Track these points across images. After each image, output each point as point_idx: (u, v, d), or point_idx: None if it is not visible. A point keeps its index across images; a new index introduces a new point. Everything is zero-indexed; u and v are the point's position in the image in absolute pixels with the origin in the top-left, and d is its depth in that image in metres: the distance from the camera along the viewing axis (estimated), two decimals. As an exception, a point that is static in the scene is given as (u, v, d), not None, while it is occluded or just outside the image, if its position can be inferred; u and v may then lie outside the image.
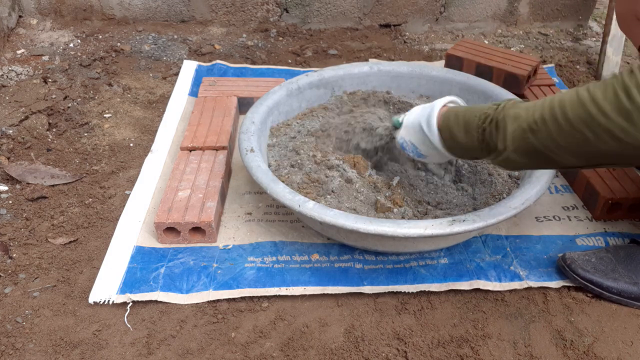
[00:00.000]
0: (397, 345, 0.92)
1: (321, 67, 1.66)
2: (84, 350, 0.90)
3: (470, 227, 0.92)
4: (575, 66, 1.83)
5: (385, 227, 0.91)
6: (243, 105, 1.46)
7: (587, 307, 0.99)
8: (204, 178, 1.16)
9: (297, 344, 0.91)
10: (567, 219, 1.17)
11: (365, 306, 0.98)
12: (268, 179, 1.01)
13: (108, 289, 0.99)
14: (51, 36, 1.88)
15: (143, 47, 1.85)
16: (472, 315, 0.97)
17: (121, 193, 1.24)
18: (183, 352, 0.90)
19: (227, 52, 1.85)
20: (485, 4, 2.01)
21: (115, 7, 1.96)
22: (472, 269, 1.04)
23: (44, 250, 1.09)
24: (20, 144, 1.37)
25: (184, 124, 1.45)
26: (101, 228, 1.14)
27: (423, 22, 2.04)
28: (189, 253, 1.07)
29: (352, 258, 1.06)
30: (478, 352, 0.91)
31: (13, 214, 1.17)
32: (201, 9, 1.98)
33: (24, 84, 1.60)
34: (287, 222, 1.14)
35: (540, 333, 0.94)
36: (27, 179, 1.25)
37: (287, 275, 1.02)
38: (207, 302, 0.98)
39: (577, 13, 2.07)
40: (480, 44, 1.65)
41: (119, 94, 1.60)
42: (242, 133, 1.14)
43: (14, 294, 1.00)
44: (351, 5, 1.98)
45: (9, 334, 0.92)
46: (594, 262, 1.00)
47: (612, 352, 0.91)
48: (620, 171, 1.19)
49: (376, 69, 1.40)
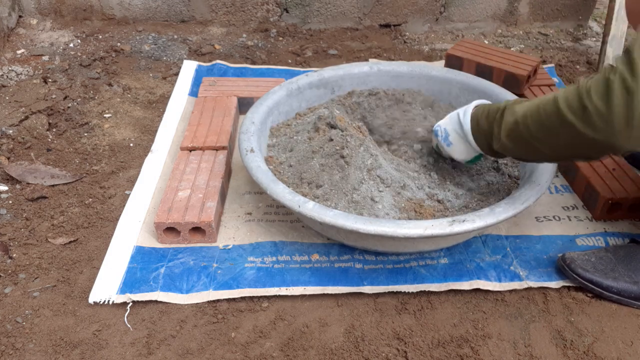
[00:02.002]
0: (397, 345, 0.92)
1: (321, 67, 1.66)
2: (84, 350, 0.90)
3: (470, 227, 0.92)
4: (575, 66, 1.83)
5: (385, 228, 0.91)
6: (243, 105, 1.46)
7: (587, 307, 0.99)
8: (204, 178, 1.16)
9: (297, 344, 0.92)
10: (567, 219, 1.17)
11: (365, 306, 0.98)
12: (268, 179, 1.01)
13: (108, 289, 0.99)
14: (51, 36, 1.88)
15: (143, 47, 1.85)
16: (472, 315, 0.97)
17: (121, 193, 1.24)
18: (183, 352, 0.90)
19: (227, 52, 1.85)
20: (485, 4, 2.01)
21: (115, 7, 1.96)
22: (472, 269, 1.04)
23: (44, 250, 1.09)
24: (20, 144, 1.37)
25: (184, 124, 1.45)
26: (101, 228, 1.14)
27: (423, 22, 2.04)
28: (189, 253, 1.07)
29: (352, 258, 1.06)
30: (478, 352, 0.91)
31: (13, 214, 1.17)
32: (201, 9, 1.98)
33: (24, 84, 1.60)
34: (287, 222, 1.14)
35: (540, 333, 0.94)
36: (27, 179, 1.26)
37: (287, 275, 1.02)
38: (207, 302, 0.98)
39: (577, 13, 2.07)
40: (480, 44, 1.65)
41: (119, 94, 1.60)
42: (242, 133, 1.14)
43: (14, 294, 1.00)
44: (351, 5, 1.98)
45: (9, 334, 0.92)
46: (594, 262, 1.00)
47: (612, 352, 0.91)
48: (620, 171, 1.19)
49: (376, 68, 1.40)
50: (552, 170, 1.05)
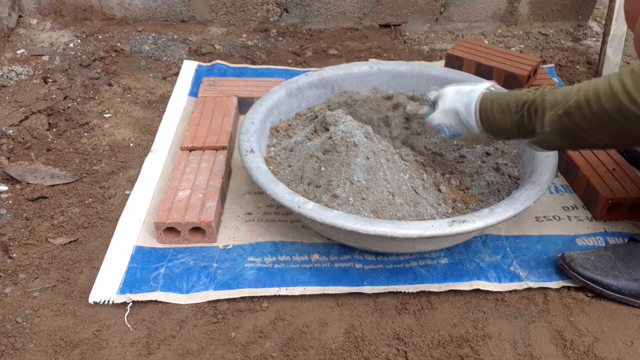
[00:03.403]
0: (397, 345, 0.92)
1: (321, 67, 1.66)
2: (84, 350, 0.90)
3: (470, 228, 0.92)
4: (575, 66, 1.83)
5: (385, 228, 0.91)
6: (243, 105, 1.46)
7: (587, 307, 0.99)
8: (204, 178, 1.16)
9: (297, 344, 0.92)
10: (567, 219, 1.17)
11: (365, 306, 0.98)
12: (268, 180, 1.01)
13: (108, 289, 0.99)
14: (51, 36, 1.88)
15: (143, 47, 1.85)
16: (472, 315, 0.97)
17: (121, 193, 1.24)
18: (183, 352, 0.90)
19: (227, 52, 1.85)
20: (485, 4, 2.01)
21: (115, 7, 1.96)
22: (472, 269, 1.04)
23: (44, 250, 1.09)
24: (20, 144, 1.37)
25: (184, 124, 1.45)
26: (101, 228, 1.14)
27: (423, 22, 2.04)
28: (189, 253, 1.07)
29: (352, 258, 1.06)
30: (478, 352, 0.91)
31: (13, 214, 1.17)
32: (201, 9, 1.98)
33: (24, 84, 1.60)
34: (287, 222, 1.14)
35: (540, 333, 0.94)
36: (27, 179, 1.26)
37: (287, 275, 1.02)
38: (207, 302, 0.98)
39: (577, 13, 2.07)
40: (480, 44, 1.65)
41: (119, 94, 1.60)
42: (242, 134, 1.14)
43: (14, 294, 1.00)
44: (351, 5, 1.98)
45: (9, 334, 0.92)
46: (594, 260, 1.00)
47: (612, 352, 0.91)
48: (620, 171, 1.19)
49: (376, 68, 1.40)
50: (552, 170, 1.05)
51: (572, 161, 1.24)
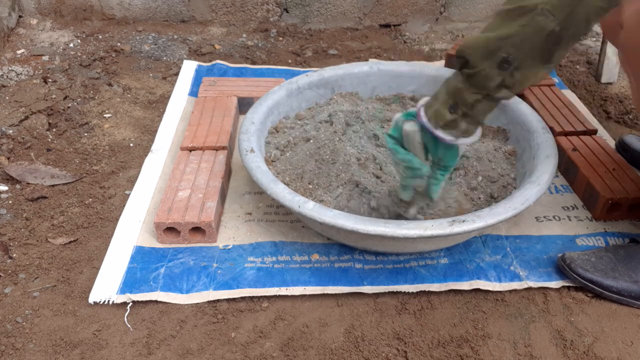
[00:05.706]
0: (397, 345, 0.92)
1: (321, 67, 1.66)
2: (84, 350, 0.90)
3: (470, 228, 0.92)
4: (575, 66, 1.83)
5: (385, 228, 0.91)
6: (243, 105, 1.46)
7: (587, 307, 0.99)
8: (204, 178, 1.16)
9: (297, 344, 0.92)
10: (567, 219, 1.17)
11: (365, 306, 0.98)
12: (268, 180, 1.01)
13: (108, 289, 0.99)
14: (51, 36, 1.88)
15: (143, 47, 1.85)
16: (472, 315, 0.97)
17: (121, 193, 1.24)
18: (183, 352, 0.90)
19: (227, 52, 1.85)
20: (485, 4, 2.01)
21: (115, 7, 1.96)
22: (472, 269, 1.04)
23: (44, 250, 1.09)
24: (20, 144, 1.37)
25: (184, 124, 1.45)
26: (101, 228, 1.14)
27: (423, 22, 2.04)
28: (189, 253, 1.07)
29: (352, 258, 1.06)
30: (478, 352, 0.91)
31: (13, 214, 1.17)
32: (201, 9, 1.98)
33: (24, 84, 1.60)
34: (287, 222, 1.14)
35: (540, 333, 0.94)
36: (27, 179, 1.26)
37: (287, 275, 1.02)
38: (207, 302, 0.98)
39: (577, 13, 2.07)
40: (480, 44, 1.65)
41: (119, 94, 1.60)
42: (242, 133, 1.14)
43: (14, 294, 1.00)
44: (351, 5, 1.98)
45: (9, 334, 0.92)
46: (594, 262, 1.00)
47: (612, 352, 0.91)
48: (620, 171, 1.19)
49: (376, 68, 1.40)
50: (552, 170, 1.05)
51: (572, 161, 1.24)
